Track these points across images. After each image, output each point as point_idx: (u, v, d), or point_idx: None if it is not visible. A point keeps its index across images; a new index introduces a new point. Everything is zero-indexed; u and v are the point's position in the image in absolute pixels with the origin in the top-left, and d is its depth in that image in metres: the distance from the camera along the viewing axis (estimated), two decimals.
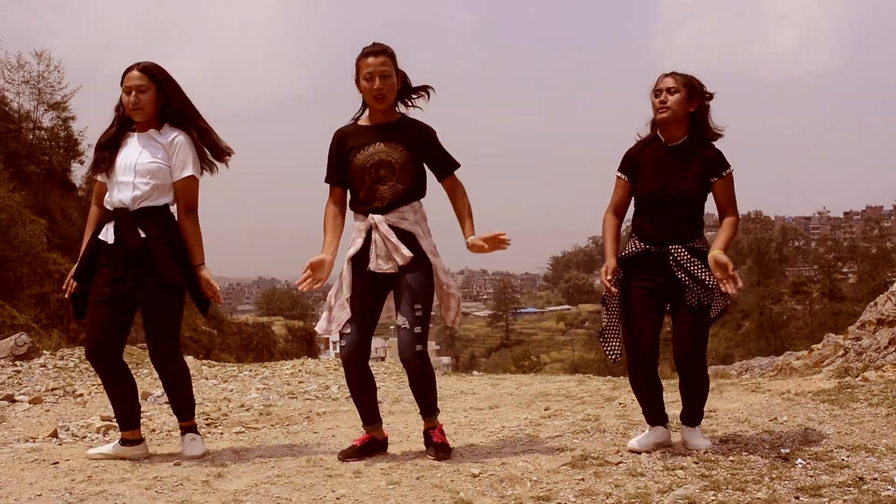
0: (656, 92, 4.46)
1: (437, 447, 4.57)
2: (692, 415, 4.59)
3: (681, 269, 4.39)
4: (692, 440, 4.53)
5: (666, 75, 4.49)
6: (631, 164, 4.56)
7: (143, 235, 4.56)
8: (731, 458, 4.24)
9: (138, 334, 10.66)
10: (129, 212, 4.60)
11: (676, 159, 4.46)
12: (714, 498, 3.59)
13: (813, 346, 9.81)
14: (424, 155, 4.61)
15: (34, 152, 37.04)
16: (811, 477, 3.85)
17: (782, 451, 4.33)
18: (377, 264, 4.49)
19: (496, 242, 4.55)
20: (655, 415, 4.64)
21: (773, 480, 3.81)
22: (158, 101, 4.70)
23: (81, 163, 38.07)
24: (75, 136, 39.92)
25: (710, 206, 4.56)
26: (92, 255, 4.69)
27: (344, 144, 4.61)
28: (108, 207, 4.69)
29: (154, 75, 4.68)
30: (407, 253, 4.44)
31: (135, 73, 4.66)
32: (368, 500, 3.76)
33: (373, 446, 4.70)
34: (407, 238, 4.51)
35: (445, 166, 4.66)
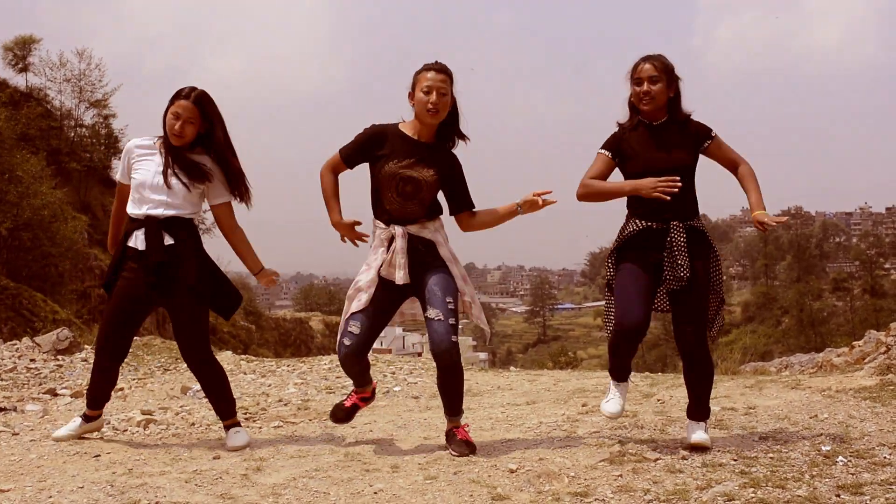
0: (637, 80, 4.47)
1: (462, 444, 4.54)
2: (700, 407, 4.47)
3: (669, 249, 4.40)
4: (693, 434, 4.39)
5: (643, 62, 4.49)
6: (618, 145, 4.56)
7: (171, 242, 4.74)
8: (771, 455, 4.20)
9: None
10: (157, 221, 4.75)
11: (662, 136, 4.50)
12: (753, 495, 3.56)
13: (854, 342, 9.68)
14: (448, 185, 4.68)
15: (75, 149, 37.54)
16: (852, 475, 3.81)
17: (823, 448, 4.28)
18: (388, 272, 4.57)
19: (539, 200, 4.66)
20: (624, 371, 4.71)
21: (814, 478, 3.78)
22: (200, 130, 4.83)
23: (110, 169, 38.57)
24: (116, 134, 40.43)
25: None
26: (119, 263, 4.87)
27: (380, 144, 4.63)
28: (132, 215, 4.84)
29: (204, 109, 4.79)
30: (403, 279, 4.54)
31: (187, 103, 4.75)
32: (406, 495, 3.78)
33: (363, 400, 5.08)
34: (428, 245, 4.61)
35: (461, 204, 4.75)
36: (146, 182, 4.78)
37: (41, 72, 38.37)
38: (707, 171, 4.65)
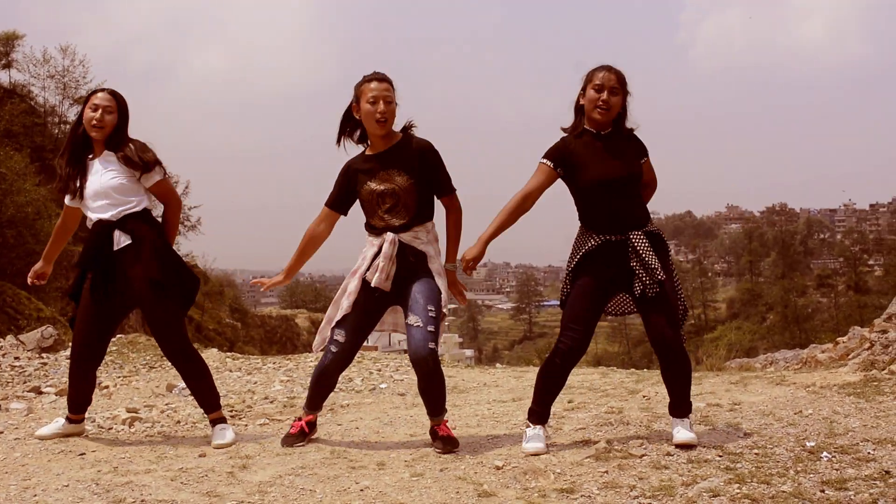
0: (598, 87, 4.45)
1: (445, 440, 4.59)
2: (681, 404, 4.48)
3: (637, 257, 4.38)
4: (677, 433, 4.39)
5: (607, 71, 4.48)
6: (563, 156, 4.51)
7: (129, 241, 4.79)
8: (756, 451, 4.22)
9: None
10: (110, 223, 4.82)
11: (609, 146, 4.49)
12: (739, 491, 3.57)
13: (838, 338, 9.71)
14: (424, 175, 4.65)
15: (59, 146, 37.21)
16: (836, 470, 3.83)
17: (807, 444, 4.30)
18: (371, 277, 4.58)
19: (456, 292, 4.78)
20: (546, 413, 4.64)
21: (798, 473, 3.80)
22: (118, 123, 4.94)
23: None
24: None
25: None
26: (83, 272, 4.96)
27: (352, 176, 4.71)
28: (89, 226, 4.94)
29: (120, 101, 4.97)
30: (380, 281, 4.56)
31: (104, 94, 4.95)
32: (392, 492, 3.78)
33: (310, 430, 4.92)
34: (418, 257, 4.63)
35: (441, 188, 4.73)
36: (90, 192, 4.89)
37: (25, 68, 38.19)
38: (693, 167, 4.68)
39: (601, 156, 4.46)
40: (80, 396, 5.09)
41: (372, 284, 4.57)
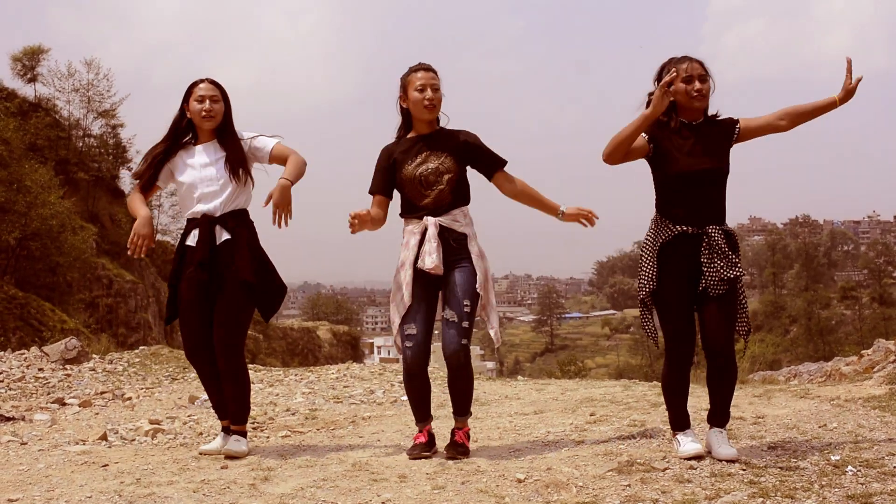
0: (688, 78, 4.41)
1: (454, 446, 4.67)
2: (722, 413, 4.43)
3: (710, 250, 4.33)
4: (718, 448, 4.33)
5: (689, 61, 4.45)
6: (657, 136, 4.47)
7: (227, 237, 4.82)
8: (780, 464, 4.18)
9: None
10: (212, 217, 4.84)
11: (700, 138, 4.44)
12: None
13: (863, 351, 9.64)
14: (470, 158, 4.76)
15: (84, 159, 37.68)
16: (862, 485, 3.79)
17: (832, 458, 4.26)
18: (423, 262, 4.60)
19: (586, 216, 4.81)
20: (685, 417, 4.54)
21: (823, 488, 3.76)
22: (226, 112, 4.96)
23: (129, 169, 38.77)
24: (124, 144, 40.55)
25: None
26: (180, 264, 4.93)
27: (392, 158, 4.77)
28: (187, 216, 4.94)
29: (223, 89, 4.98)
30: (434, 264, 4.57)
31: (207, 84, 4.94)
32: None
33: (432, 441, 4.82)
34: (459, 240, 4.68)
35: (492, 164, 4.79)
36: (195, 181, 4.89)
37: (50, 82, 38.59)
38: None
39: (692, 146, 4.41)
40: (218, 396, 5.03)
41: (426, 269, 4.59)
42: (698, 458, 4.30)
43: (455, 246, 4.67)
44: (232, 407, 4.97)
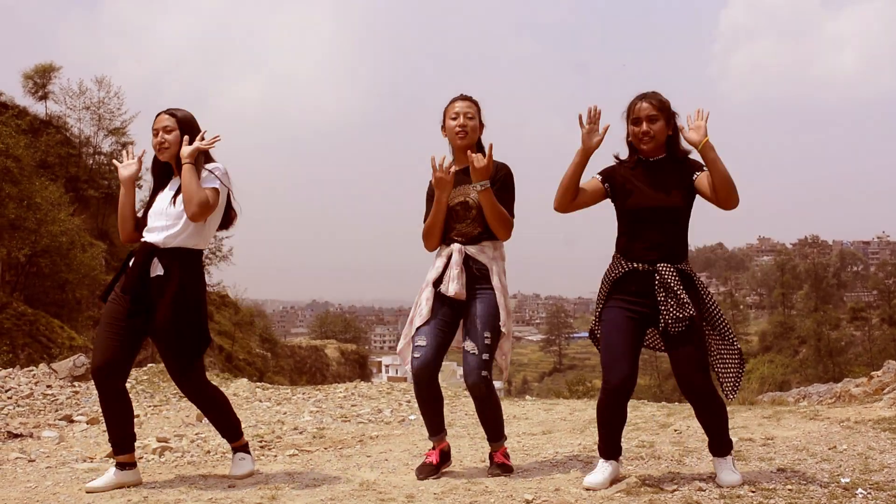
0: (635, 120, 4.41)
1: (496, 466, 4.77)
2: (719, 443, 4.36)
3: (664, 289, 4.27)
4: (722, 475, 4.28)
5: (640, 100, 4.42)
6: (614, 176, 4.48)
7: (160, 273, 4.55)
8: (790, 486, 4.16)
9: None
10: (152, 248, 4.61)
11: (657, 174, 4.42)
12: None
13: (872, 372, 9.60)
14: (498, 192, 4.67)
15: (94, 177, 37.77)
16: None
17: (842, 480, 4.24)
18: (447, 287, 4.63)
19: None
20: (613, 449, 4.47)
21: None
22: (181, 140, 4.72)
23: (139, 187, 38.76)
24: None
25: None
26: (117, 279, 4.73)
27: (432, 188, 4.81)
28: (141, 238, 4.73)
29: (179, 118, 4.76)
30: (457, 290, 4.60)
31: (161, 116, 4.77)
32: None
33: (442, 458, 4.83)
34: (482, 270, 4.69)
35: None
36: (154, 211, 4.73)
37: (61, 100, 38.72)
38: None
39: (648, 184, 4.39)
40: (117, 429, 4.65)
41: (449, 294, 4.62)
42: (593, 489, 4.26)
43: (477, 275, 4.68)
44: (221, 431, 4.91)
